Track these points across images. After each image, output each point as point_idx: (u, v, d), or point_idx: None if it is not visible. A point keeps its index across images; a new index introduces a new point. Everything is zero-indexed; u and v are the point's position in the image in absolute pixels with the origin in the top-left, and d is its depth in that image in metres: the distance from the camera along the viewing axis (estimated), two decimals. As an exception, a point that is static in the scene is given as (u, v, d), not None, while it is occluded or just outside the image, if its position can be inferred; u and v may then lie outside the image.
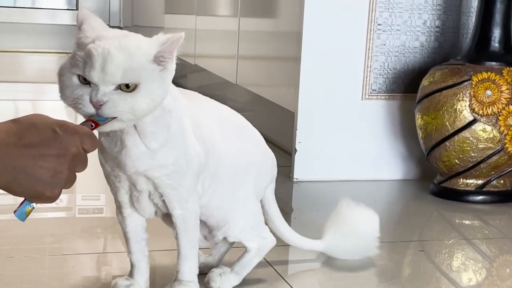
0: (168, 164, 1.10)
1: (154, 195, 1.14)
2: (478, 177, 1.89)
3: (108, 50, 0.97)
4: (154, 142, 1.07)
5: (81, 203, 1.83)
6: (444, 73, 1.88)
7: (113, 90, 0.98)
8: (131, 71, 0.98)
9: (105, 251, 1.49)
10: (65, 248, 1.49)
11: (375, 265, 1.49)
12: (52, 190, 0.90)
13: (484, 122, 1.83)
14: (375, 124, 2.08)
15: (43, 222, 1.65)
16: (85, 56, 0.98)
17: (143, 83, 0.99)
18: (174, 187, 1.12)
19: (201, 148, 1.15)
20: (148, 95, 1.00)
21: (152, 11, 4.02)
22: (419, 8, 2.04)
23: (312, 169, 2.04)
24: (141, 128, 1.06)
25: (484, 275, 1.48)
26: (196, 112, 1.17)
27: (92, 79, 0.98)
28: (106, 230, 1.60)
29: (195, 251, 1.19)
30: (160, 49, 1.01)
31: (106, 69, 0.97)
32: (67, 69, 1.00)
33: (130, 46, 1.00)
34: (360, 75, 2.04)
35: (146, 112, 1.01)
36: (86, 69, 0.98)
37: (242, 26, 2.64)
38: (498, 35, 1.89)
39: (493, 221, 1.83)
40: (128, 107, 0.98)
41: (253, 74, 2.57)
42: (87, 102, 0.98)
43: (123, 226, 1.19)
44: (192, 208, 1.16)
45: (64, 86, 1.00)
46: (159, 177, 1.10)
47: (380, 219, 1.67)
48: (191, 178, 1.13)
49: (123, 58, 0.98)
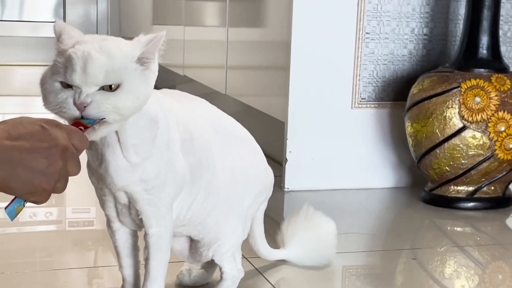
0: (149, 179, 1.07)
1: (132, 210, 1.12)
2: (468, 184, 1.89)
3: (88, 53, 0.97)
4: (135, 156, 1.05)
5: (71, 216, 1.82)
6: (433, 81, 1.88)
7: (96, 91, 0.97)
8: (113, 71, 0.97)
9: (97, 264, 1.48)
10: (56, 262, 1.48)
11: (368, 273, 1.49)
12: (48, 181, 0.89)
13: (474, 129, 1.83)
14: (365, 133, 2.08)
15: (33, 235, 1.64)
16: (65, 61, 0.97)
17: (126, 82, 0.98)
18: (153, 203, 1.09)
19: (190, 161, 1.12)
20: (132, 93, 0.98)
21: (140, 22, 4.01)
22: (407, 16, 2.05)
23: (303, 178, 2.04)
24: (123, 139, 1.04)
25: (476, 282, 1.48)
26: (191, 121, 1.14)
27: (74, 82, 0.96)
28: (97, 242, 1.59)
29: (164, 273, 1.15)
30: (143, 50, 1.00)
31: (88, 71, 0.96)
32: (48, 77, 0.99)
33: (111, 47, 0.99)
34: (349, 83, 2.04)
35: (131, 110, 0.99)
36: (67, 73, 0.97)
37: (231, 36, 2.64)
38: (486, 42, 1.90)
39: (484, 228, 1.83)
40: (112, 106, 0.97)
41: (243, 84, 2.57)
42: (71, 105, 0.97)
43: (113, 240, 1.18)
44: (168, 225, 1.12)
45: (47, 93, 0.99)
46: (138, 191, 1.08)
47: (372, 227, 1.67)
48: (172, 192, 1.11)
49: (104, 59, 0.97)
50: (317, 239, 1.44)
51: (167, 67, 3.49)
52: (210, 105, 1.23)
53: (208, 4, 3.04)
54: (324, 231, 1.44)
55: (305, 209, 1.43)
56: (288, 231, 1.42)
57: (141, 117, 1.04)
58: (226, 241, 1.21)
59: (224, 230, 1.21)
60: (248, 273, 1.38)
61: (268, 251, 1.40)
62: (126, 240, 1.17)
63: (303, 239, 1.43)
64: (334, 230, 1.44)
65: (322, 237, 1.44)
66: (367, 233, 1.77)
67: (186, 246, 1.24)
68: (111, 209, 1.13)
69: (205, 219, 1.18)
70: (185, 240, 1.24)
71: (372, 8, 2.02)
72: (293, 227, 1.42)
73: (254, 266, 1.44)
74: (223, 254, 1.22)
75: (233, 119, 1.26)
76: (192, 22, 3.17)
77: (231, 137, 1.22)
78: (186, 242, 1.24)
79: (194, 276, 1.32)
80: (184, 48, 3.23)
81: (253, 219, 1.30)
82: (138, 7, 4.10)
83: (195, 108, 1.18)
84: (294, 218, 1.43)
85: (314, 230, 1.43)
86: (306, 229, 1.42)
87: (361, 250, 1.63)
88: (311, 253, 1.43)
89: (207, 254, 1.22)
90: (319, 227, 1.43)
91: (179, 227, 1.17)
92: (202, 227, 1.19)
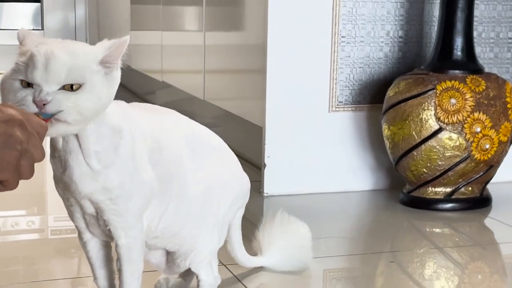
0: (112, 188, 1.06)
1: (100, 221, 1.10)
2: (446, 185, 1.90)
3: (51, 51, 0.96)
4: (97, 162, 1.04)
5: (54, 224, 1.81)
6: (409, 83, 1.89)
7: (57, 90, 0.96)
8: (76, 70, 0.96)
9: (80, 272, 1.48)
10: (40, 271, 1.47)
11: (348, 277, 1.49)
12: (10, 154, 0.85)
13: (450, 130, 1.85)
14: (343, 136, 2.09)
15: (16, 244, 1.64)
16: (27, 60, 0.96)
17: (88, 83, 0.97)
18: (119, 213, 1.08)
19: (159, 172, 1.11)
20: (94, 93, 0.97)
21: (118, 28, 4.01)
22: (382, 19, 2.06)
23: (282, 183, 2.04)
24: (85, 146, 1.03)
25: (456, 282, 1.49)
26: (161, 133, 1.13)
27: (35, 79, 0.95)
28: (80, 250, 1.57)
29: (138, 284, 1.14)
30: (106, 54, 0.99)
31: (50, 68, 0.95)
32: (9, 76, 0.98)
33: (74, 48, 0.98)
34: (326, 87, 2.05)
35: (92, 111, 0.98)
36: (28, 71, 0.95)
37: (208, 40, 2.65)
38: (460, 44, 1.91)
39: (463, 229, 1.84)
40: (72, 104, 0.95)
41: (221, 90, 2.57)
42: (30, 102, 0.95)
43: (85, 251, 1.16)
44: (138, 236, 1.11)
45: (6, 92, 0.97)
46: (103, 201, 1.06)
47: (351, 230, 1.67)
48: (139, 203, 1.09)
49: (66, 58, 0.96)
50: (294, 244, 1.44)
51: (145, 73, 3.49)
52: (182, 116, 1.22)
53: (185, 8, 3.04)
54: (300, 235, 1.44)
55: (280, 214, 1.43)
56: (264, 238, 1.42)
57: (102, 124, 1.03)
58: (202, 250, 1.21)
59: (199, 239, 1.20)
60: (226, 280, 1.38)
61: (247, 258, 1.40)
62: (98, 251, 1.16)
63: (280, 245, 1.43)
64: (309, 234, 1.45)
65: (299, 242, 1.44)
66: (346, 237, 1.77)
67: (163, 259, 1.24)
68: (80, 220, 1.12)
69: (179, 231, 1.18)
70: (162, 253, 1.23)
71: (347, 12, 2.03)
72: (269, 233, 1.42)
73: (232, 273, 1.44)
74: (199, 262, 1.22)
75: (206, 128, 1.25)
76: (169, 27, 3.17)
77: (204, 147, 1.21)
78: (163, 255, 1.23)
79: (172, 285, 1.31)
80: (162, 53, 3.23)
81: (230, 225, 1.30)
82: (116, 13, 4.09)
83: (165, 120, 1.17)
84: (270, 224, 1.43)
85: (291, 235, 1.43)
86: (282, 234, 1.42)
87: (341, 254, 1.64)
88: (289, 259, 1.44)
89: (184, 264, 1.22)
90: (295, 232, 1.44)
91: (152, 239, 1.16)
92: (176, 239, 1.18)
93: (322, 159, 2.07)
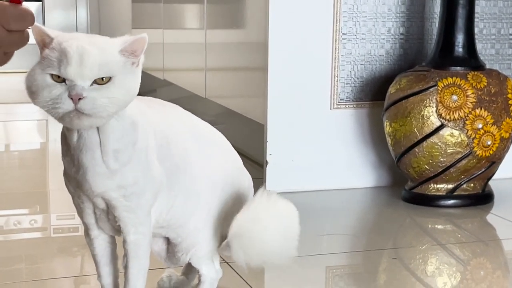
0: (127, 185, 1.07)
1: (110, 215, 1.11)
2: (448, 181, 1.91)
3: (82, 47, 0.98)
4: (115, 161, 1.05)
5: (56, 222, 1.81)
6: (410, 80, 1.89)
7: (89, 86, 0.98)
8: (105, 64, 0.99)
9: (83, 271, 1.48)
10: (42, 270, 1.48)
11: (351, 273, 1.49)
12: None
13: (452, 126, 1.85)
14: (344, 133, 2.09)
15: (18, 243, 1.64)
16: (59, 55, 0.98)
17: (117, 76, 1.00)
18: (131, 209, 1.09)
19: (166, 167, 1.12)
20: (123, 86, 1.00)
21: (119, 26, 4.01)
22: (383, 16, 2.06)
23: (284, 180, 2.05)
24: (105, 143, 1.04)
25: (458, 278, 1.49)
26: (168, 127, 1.14)
27: (69, 75, 0.97)
28: (83, 249, 1.58)
29: (144, 281, 1.15)
30: (130, 47, 1.01)
31: (84, 64, 0.97)
32: (39, 71, 0.99)
33: (99, 42, 1.01)
34: (327, 84, 2.05)
35: (123, 103, 1.00)
36: (61, 67, 0.97)
37: (209, 38, 2.65)
38: (461, 40, 1.91)
39: (465, 225, 1.84)
40: (107, 100, 0.98)
41: (222, 87, 2.57)
42: (65, 99, 0.97)
43: (91, 248, 1.17)
44: (146, 232, 1.12)
45: (40, 89, 0.98)
46: (116, 198, 1.07)
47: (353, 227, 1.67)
48: (149, 198, 1.10)
49: (97, 53, 0.98)
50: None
51: (147, 72, 3.49)
52: (184, 110, 1.23)
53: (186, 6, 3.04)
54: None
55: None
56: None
57: (124, 119, 1.04)
58: (204, 246, 1.21)
59: (202, 235, 1.21)
60: (229, 278, 1.38)
61: None
62: (105, 248, 1.16)
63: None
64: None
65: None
66: (348, 234, 1.77)
67: (164, 248, 1.24)
68: (90, 216, 1.12)
69: (185, 223, 1.18)
70: (163, 241, 1.23)
71: (348, 9, 2.03)
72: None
73: (235, 271, 1.44)
74: (200, 257, 1.22)
75: (207, 123, 1.26)
76: (170, 25, 3.17)
77: (207, 142, 1.22)
78: (164, 244, 1.24)
79: (175, 282, 1.32)
80: (164, 52, 3.23)
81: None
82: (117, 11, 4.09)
83: (169, 114, 1.18)
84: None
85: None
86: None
87: (343, 251, 1.64)
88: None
89: (184, 258, 1.22)
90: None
91: (158, 228, 1.17)
92: (181, 230, 1.19)
93: (324, 156, 2.07)
